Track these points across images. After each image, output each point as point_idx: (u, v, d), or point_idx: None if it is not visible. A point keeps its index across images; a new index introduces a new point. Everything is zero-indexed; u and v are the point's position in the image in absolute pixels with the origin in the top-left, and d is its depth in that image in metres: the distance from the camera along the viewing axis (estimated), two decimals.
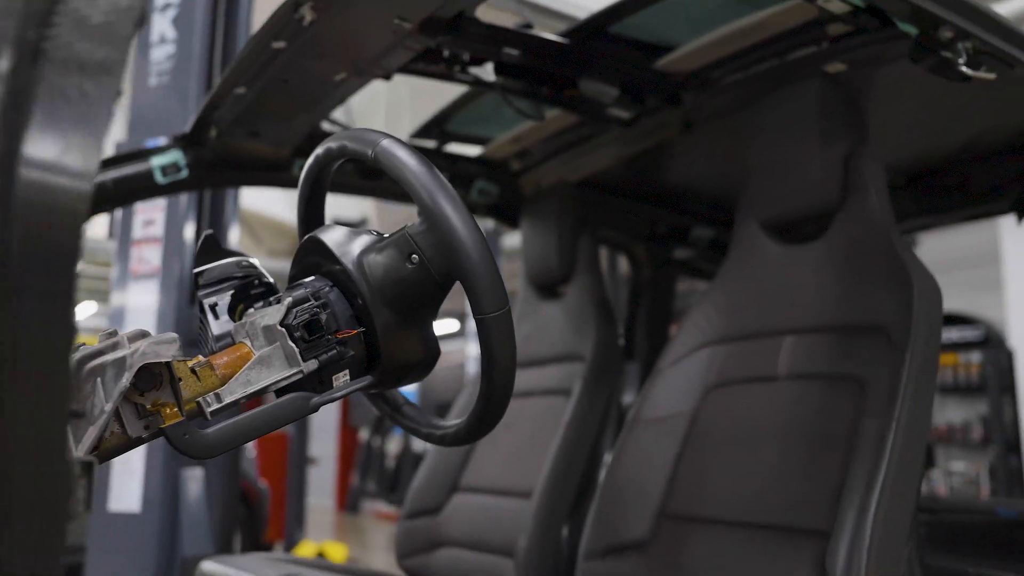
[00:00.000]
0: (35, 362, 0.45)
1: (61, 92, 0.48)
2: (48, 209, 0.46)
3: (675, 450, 1.52)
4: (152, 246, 2.96)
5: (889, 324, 1.32)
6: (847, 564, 1.17)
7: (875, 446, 1.23)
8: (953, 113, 1.87)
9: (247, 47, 1.56)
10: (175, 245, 2.93)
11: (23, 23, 0.48)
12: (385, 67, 1.59)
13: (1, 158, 0.45)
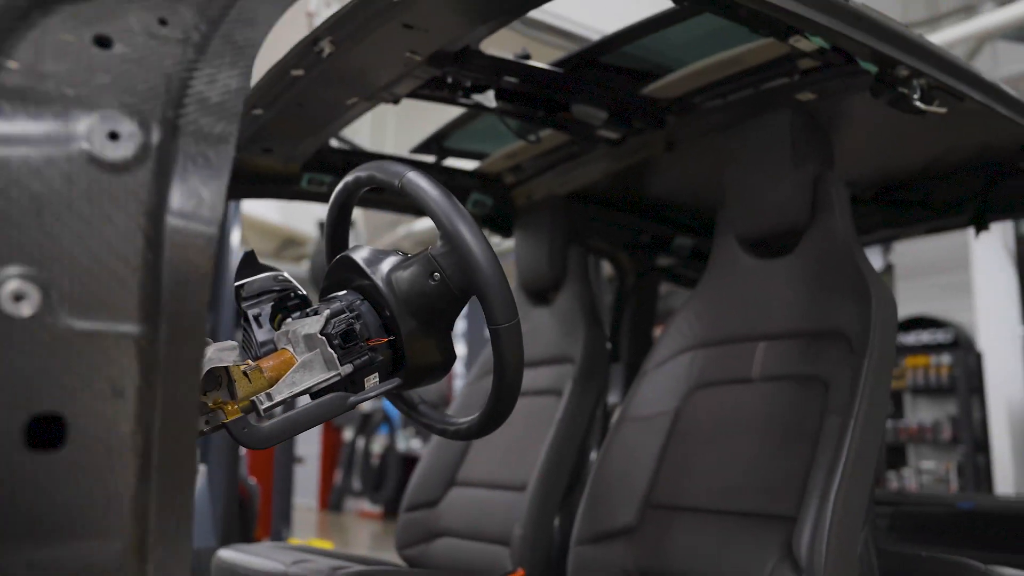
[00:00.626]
0: (179, 366, 0.59)
1: (192, 157, 0.62)
2: (187, 247, 0.60)
3: (659, 445, 1.67)
4: None
5: (850, 331, 1.48)
6: (810, 546, 1.32)
7: (836, 440, 1.39)
8: (914, 135, 2.03)
9: (267, 74, 1.70)
10: None
11: (165, 105, 0.61)
12: (394, 93, 1.73)
13: (154, 208, 0.59)
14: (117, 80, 0.60)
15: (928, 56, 1.45)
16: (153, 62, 0.62)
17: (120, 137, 0.59)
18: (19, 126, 0.56)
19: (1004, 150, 1.99)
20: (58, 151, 0.56)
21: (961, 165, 2.21)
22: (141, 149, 0.59)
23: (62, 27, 0.60)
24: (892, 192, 2.42)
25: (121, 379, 0.56)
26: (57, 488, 0.53)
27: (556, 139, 2.21)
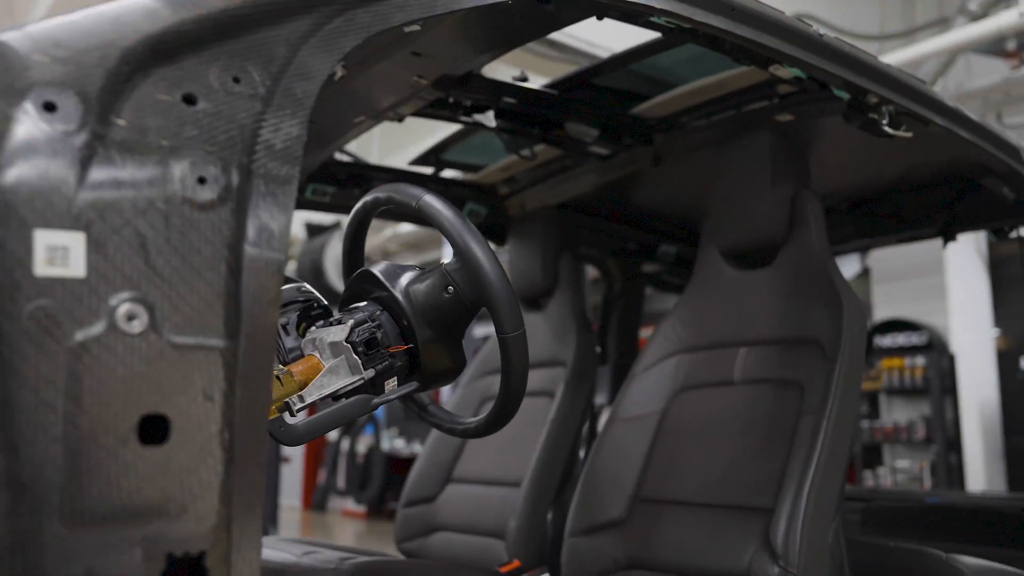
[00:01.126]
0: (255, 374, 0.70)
1: (263, 196, 0.73)
2: (261, 272, 0.71)
3: (647, 443, 1.79)
4: None
5: (823, 338, 1.60)
6: (786, 536, 1.45)
7: (810, 439, 1.51)
8: (885, 153, 2.16)
9: None
10: None
11: (240, 153, 0.72)
12: (399, 113, 1.84)
13: (234, 241, 0.70)
14: (202, 132, 0.71)
15: (896, 85, 1.58)
16: (230, 115, 0.73)
17: (207, 181, 0.70)
18: (128, 173, 0.67)
19: (968, 167, 2.12)
20: (158, 194, 0.67)
21: (929, 180, 2.35)
22: (224, 191, 0.70)
23: (156, 88, 0.70)
24: (865, 204, 2.56)
25: (211, 385, 0.67)
26: (163, 476, 0.64)
27: (549, 153, 2.33)
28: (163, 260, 0.67)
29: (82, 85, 0.66)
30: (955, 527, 2.28)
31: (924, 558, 1.74)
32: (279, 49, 0.79)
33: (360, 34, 0.87)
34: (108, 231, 0.65)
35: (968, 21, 5.46)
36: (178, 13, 0.73)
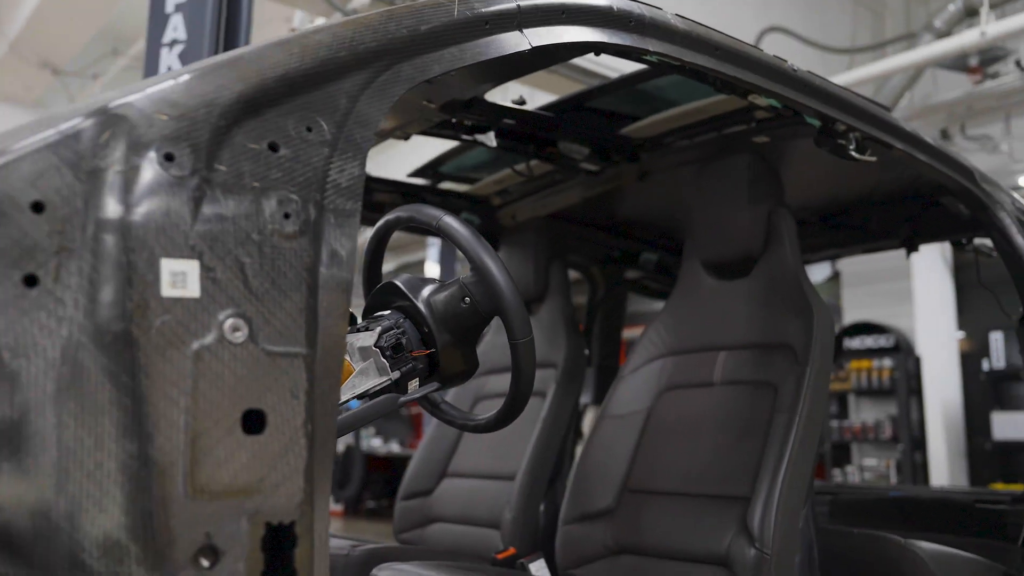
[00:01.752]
0: (328, 376, 0.85)
1: (333, 227, 0.88)
2: (333, 291, 0.86)
3: (634, 439, 1.95)
4: None
5: (795, 344, 1.77)
6: (761, 521, 1.61)
7: (783, 434, 1.68)
8: (853, 171, 2.33)
9: None
10: None
11: (315, 191, 0.87)
12: (406, 132, 1.98)
13: (312, 265, 0.85)
14: (285, 174, 0.85)
15: (862, 114, 1.75)
16: (305, 160, 0.88)
17: (290, 216, 0.84)
18: (229, 210, 0.81)
19: (928, 185, 2.31)
20: (253, 227, 0.82)
21: (893, 197, 2.53)
22: (303, 224, 0.85)
23: (247, 138, 0.84)
24: (834, 217, 2.74)
25: (296, 385, 0.81)
26: (262, 460, 0.78)
27: (541, 168, 2.48)
28: (258, 282, 0.81)
29: (192, 138, 0.80)
30: (914, 517, 2.47)
31: (884, 543, 1.91)
32: (341, 101, 0.94)
33: (405, 84, 1.01)
34: (216, 259, 0.79)
35: (934, 38, 5.70)
36: (263, 74, 0.87)
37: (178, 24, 3.40)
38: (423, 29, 1.04)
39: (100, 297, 0.74)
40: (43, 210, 0.74)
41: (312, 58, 0.92)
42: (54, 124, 0.77)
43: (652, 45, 1.37)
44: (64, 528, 0.71)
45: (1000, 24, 4.82)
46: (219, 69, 0.86)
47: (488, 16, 1.13)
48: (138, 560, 0.72)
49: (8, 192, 0.73)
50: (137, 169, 0.77)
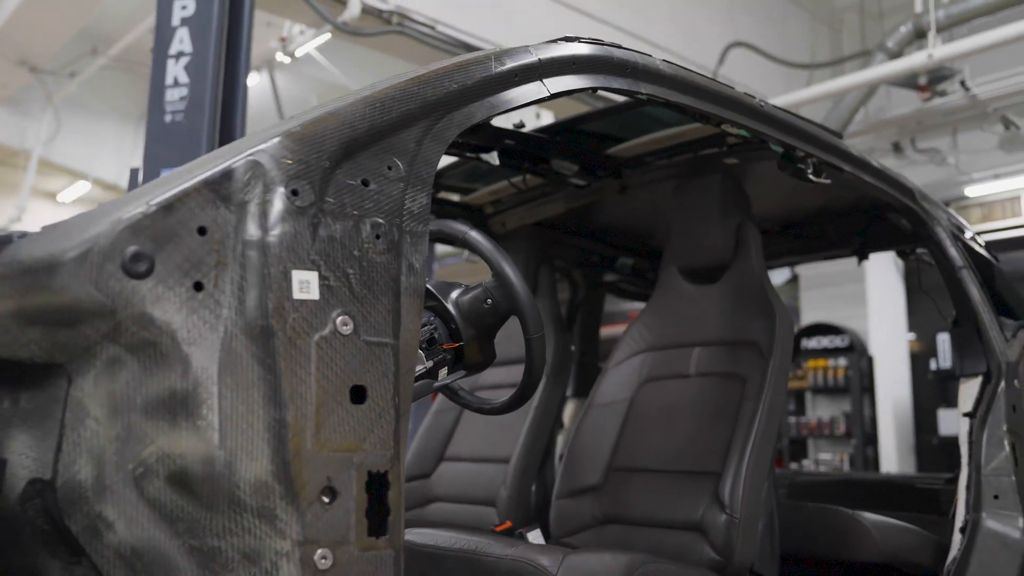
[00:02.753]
0: (406, 362, 1.09)
1: (409, 245, 1.12)
2: (411, 295, 1.10)
3: (619, 424, 2.22)
4: None
5: (760, 341, 2.05)
6: (731, 491, 1.88)
7: (749, 419, 1.95)
8: (810, 189, 2.62)
9: None
10: None
11: (396, 217, 1.11)
12: None
13: (396, 276, 1.09)
14: (375, 204, 1.10)
15: (818, 142, 2.04)
16: (388, 192, 1.12)
17: (380, 237, 1.09)
18: (338, 233, 1.05)
19: (875, 202, 2.61)
20: (355, 246, 1.06)
21: (846, 211, 2.83)
22: (390, 243, 1.10)
23: (346, 176, 1.09)
24: (794, 228, 3.04)
25: (386, 367, 1.06)
26: (364, 424, 1.03)
27: (533, 180, 2.73)
28: (359, 288, 1.05)
29: (309, 177, 1.05)
30: (862, 497, 2.77)
31: (834, 514, 2.20)
32: (411, 145, 1.18)
33: (456, 130, 1.26)
34: (329, 270, 1.03)
35: (887, 58, 6.07)
36: (355, 126, 1.12)
37: (184, 37, 3.59)
38: (469, 83, 1.29)
39: (247, 300, 0.98)
40: (205, 233, 0.98)
41: (389, 111, 1.17)
42: (209, 167, 1.01)
43: (644, 88, 1.63)
44: (225, 473, 0.95)
45: (946, 48, 5.19)
46: (323, 121, 1.10)
47: (517, 70, 1.38)
48: (279, 496, 0.96)
49: (182, 220, 0.97)
50: (271, 202, 1.02)
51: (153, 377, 0.95)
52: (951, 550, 2.13)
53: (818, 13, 7.95)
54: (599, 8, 6.13)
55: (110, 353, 0.94)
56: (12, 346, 0.91)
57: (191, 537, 0.95)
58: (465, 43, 5.25)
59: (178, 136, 3.56)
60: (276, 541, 0.96)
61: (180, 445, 0.94)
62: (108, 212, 0.95)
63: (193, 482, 0.94)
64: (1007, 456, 2.20)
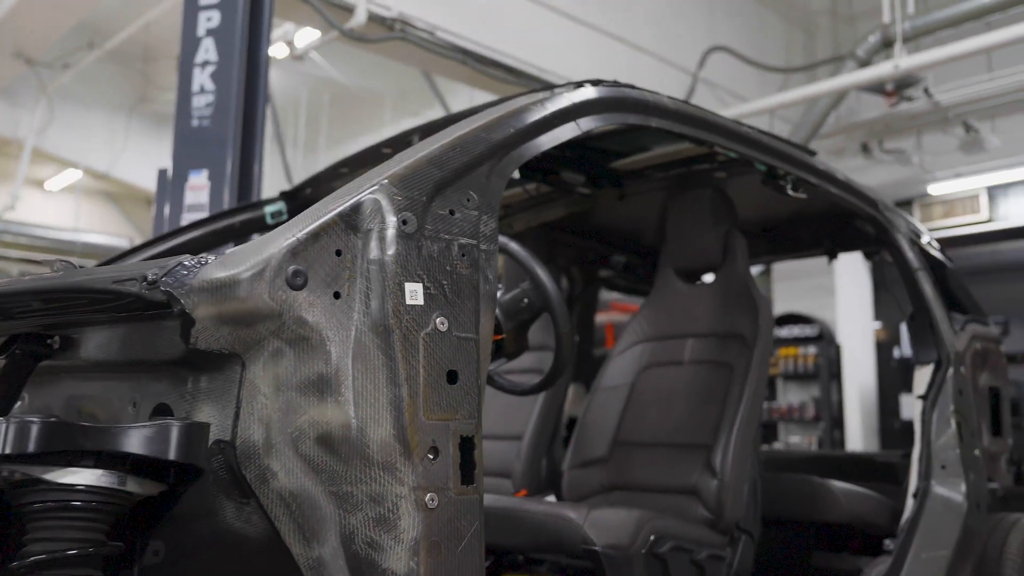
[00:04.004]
0: (484, 349, 1.41)
1: (484, 260, 1.44)
2: (488, 300, 1.42)
3: (622, 404, 2.55)
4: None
5: (746, 334, 2.39)
6: (720, 460, 2.23)
7: (736, 400, 2.30)
8: (787, 198, 2.97)
9: (367, 148, 2.47)
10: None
11: (476, 238, 1.43)
12: None
13: (476, 285, 1.41)
14: (460, 229, 1.41)
15: (796, 162, 2.37)
16: (468, 219, 1.43)
17: (465, 255, 1.40)
18: (435, 253, 1.36)
19: (844, 209, 2.96)
20: (447, 262, 1.37)
21: (817, 216, 3.18)
22: (471, 259, 1.41)
23: (438, 207, 1.40)
24: (772, 231, 3.39)
25: (472, 356, 1.38)
26: (457, 401, 1.34)
27: (543, 188, 3.05)
28: (451, 295, 1.37)
29: (414, 210, 1.36)
30: (830, 470, 3.14)
31: (806, 482, 2.56)
32: (482, 180, 1.49)
33: (513, 166, 1.57)
34: (430, 282, 1.34)
35: (856, 66, 6.45)
36: (443, 167, 1.43)
37: (209, 47, 3.86)
38: (521, 127, 1.61)
39: (372, 305, 1.29)
40: (341, 254, 1.29)
41: (466, 154, 1.48)
42: (340, 203, 1.32)
43: (654, 121, 1.96)
44: (358, 436, 1.26)
45: (911, 58, 5.57)
46: (418, 164, 1.41)
47: (557, 114, 1.70)
48: (399, 454, 1.28)
49: (325, 245, 1.27)
50: (386, 229, 1.33)
51: (305, 364, 1.26)
52: (905, 512, 2.49)
53: (792, 17, 8.32)
54: (587, 14, 6.44)
55: (275, 346, 1.25)
56: (209, 341, 1.21)
57: (331, 484, 1.26)
58: (462, 48, 5.54)
59: (205, 139, 3.82)
60: (396, 487, 1.27)
61: (325, 415, 1.25)
62: (274, 240, 1.26)
63: (334, 443, 1.26)
64: (953, 433, 2.57)
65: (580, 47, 6.39)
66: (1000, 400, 2.94)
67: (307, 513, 1.26)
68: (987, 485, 2.67)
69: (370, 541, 1.27)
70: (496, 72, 5.73)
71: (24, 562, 1.07)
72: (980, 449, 2.69)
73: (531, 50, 5.93)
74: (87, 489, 1.09)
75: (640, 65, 6.73)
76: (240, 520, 1.29)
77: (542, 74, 6.05)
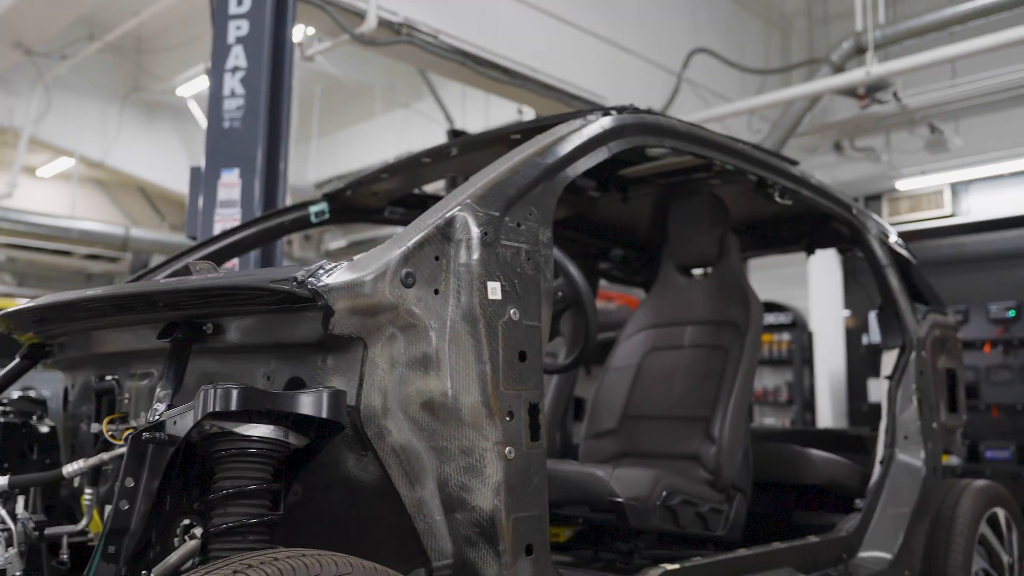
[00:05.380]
0: (535, 339, 1.77)
1: (543, 263, 1.79)
2: (547, 294, 1.78)
3: (630, 383, 2.93)
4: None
5: (739, 322, 2.77)
6: (718, 429, 2.60)
7: (731, 380, 2.67)
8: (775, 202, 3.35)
9: (407, 156, 2.81)
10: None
11: (535, 245, 1.78)
12: (466, 173, 2.88)
13: (538, 282, 1.76)
14: (525, 238, 1.76)
15: (782, 173, 2.75)
16: (531, 230, 1.78)
17: (530, 259, 1.75)
18: (508, 257, 1.71)
19: (821, 211, 3.35)
20: (517, 264, 1.72)
21: (797, 217, 3.57)
22: (535, 263, 1.76)
23: (509, 220, 1.74)
24: (757, 229, 3.78)
25: (537, 340, 1.73)
26: (527, 376, 1.69)
27: None
28: (521, 291, 1.72)
29: (492, 223, 1.70)
30: (808, 443, 3.54)
31: (788, 450, 2.95)
32: (538, 197, 1.84)
33: (560, 186, 1.92)
34: (505, 281, 1.69)
35: (831, 71, 6.87)
36: (512, 186, 1.77)
37: (239, 53, 4.15)
38: (567, 152, 1.95)
39: (462, 300, 1.64)
40: (439, 259, 1.64)
41: (527, 176, 1.83)
42: (436, 218, 1.66)
43: (667, 142, 2.31)
44: (453, 402, 1.61)
45: (881, 66, 6.00)
46: (495, 187, 1.75)
47: (593, 139, 2.05)
48: (484, 416, 1.63)
49: (427, 252, 1.62)
50: (472, 239, 1.67)
51: (413, 346, 1.60)
52: (873, 476, 2.89)
53: (771, 19, 8.72)
54: (578, 17, 6.78)
55: (390, 332, 1.59)
56: (342, 328, 1.55)
57: (431, 440, 1.61)
58: (462, 50, 5.86)
59: (235, 140, 4.12)
60: (482, 442, 1.63)
61: (428, 386, 1.60)
62: (390, 249, 1.60)
63: (435, 408, 1.61)
64: (915, 408, 2.97)
65: (571, 49, 6.73)
66: (956, 380, 3.35)
67: (412, 463, 1.60)
68: (941, 457, 3.08)
69: (461, 484, 1.62)
70: (493, 73, 6.06)
71: (218, 495, 1.41)
72: (938, 423, 3.10)
73: (525, 52, 6.27)
74: (261, 439, 1.43)
75: (628, 66, 7.10)
76: (359, 468, 1.63)
77: (534, 74, 6.39)
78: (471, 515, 1.62)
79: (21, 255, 13.46)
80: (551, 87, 6.53)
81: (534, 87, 6.41)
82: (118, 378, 2.01)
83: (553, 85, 6.54)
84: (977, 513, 2.98)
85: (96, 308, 1.82)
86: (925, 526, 2.88)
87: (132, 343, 1.93)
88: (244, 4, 4.16)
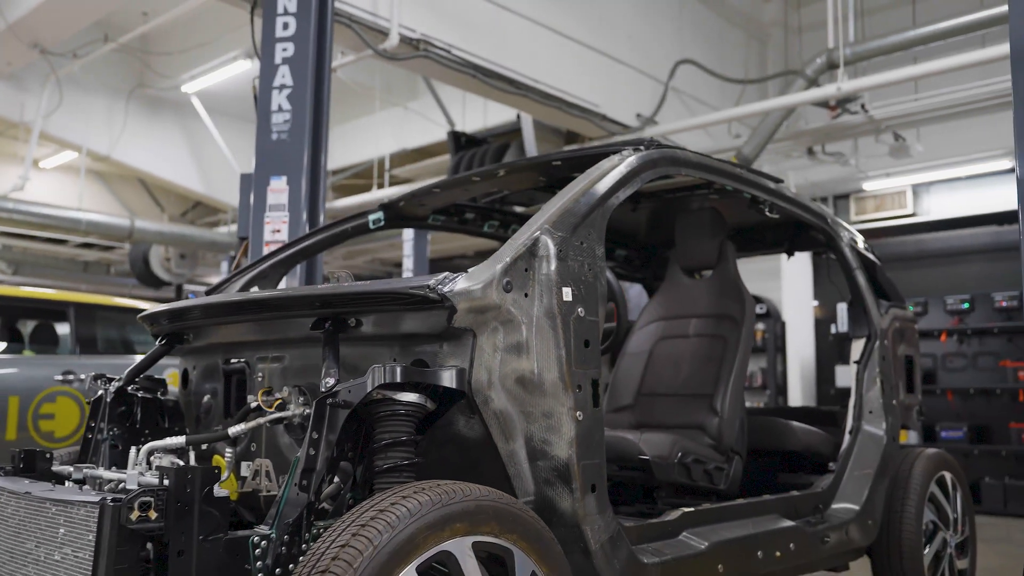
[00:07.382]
0: (593, 330, 2.33)
1: (598, 272, 2.35)
2: (603, 296, 2.33)
3: (643, 366, 3.49)
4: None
5: (736, 315, 3.35)
6: (720, 404, 3.18)
7: (730, 364, 3.25)
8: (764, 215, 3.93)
9: (459, 175, 3.34)
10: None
11: (594, 259, 2.33)
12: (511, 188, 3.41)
13: (596, 286, 2.31)
14: (586, 252, 2.31)
15: (771, 192, 3.32)
16: (590, 247, 2.33)
17: (590, 269, 2.30)
18: (574, 268, 2.25)
19: (800, 220, 3.94)
20: (580, 273, 2.27)
21: (779, 224, 4.16)
22: (595, 272, 2.31)
23: (575, 240, 2.29)
24: (744, 234, 4.36)
25: (596, 332, 2.28)
26: (589, 358, 2.24)
27: None
28: (585, 293, 2.26)
29: (563, 242, 2.24)
30: (788, 417, 4.14)
31: (772, 421, 3.55)
32: (593, 221, 2.39)
33: (609, 211, 2.47)
34: (575, 286, 2.23)
35: (806, 84, 7.50)
36: (575, 212, 2.32)
37: (285, 73, 4.64)
38: (611, 184, 2.50)
39: (544, 301, 2.19)
40: (527, 270, 2.18)
41: (584, 204, 2.37)
42: (524, 238, 2.20)
43: (683, 170, 2.88)
44: (538, 378, 2.15)
45: (851, 82, 6.62)
46: (561, 210, 2.30)
47: (630, 173, 2.60)
48: (560, 388, 2.17)
49: (519, 265, 2.16)
50: (549, 254, 2.22)
51: (510, 336, 2.15)
52: (843, 444, 3.49)
53: (749, 30, 9.33)
54: (574, 30, 7.33)
55: (493, 325, 2.13)
56: (461, 322, 2.08)
57: (521, 406, 2.16)
58: (472, 63, 6.37)
59: (283, 151, 4.61)
60: (559, 407, 2.18)
61: (520, 366, 2.15)
62: (494, 263, 2.14)
63: (524, 382, 2.15)
64: (878, 388, 3.57)
65: (568, 61, 7.28)
66: (913, 365, 3.97)
67: (507, 423, 2.15)
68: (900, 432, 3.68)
69: (543, 439, 2.17)
70: (500, 84, 6.58)
71: (380, 444, 1.95)
72: (897, 401, 3.71)
73: (527, 64, 6.80)
74: (409, 403, 1.97)
75: (619, 76, 7.66)
76: (466, 428, 2.18)
77: (536, 84, 6.93)
78: (551, 462, 2.17)
79: (16, 243, 13.75)
80: (550, 96, 7.06)
81: (535, 96, 6.94)
82: (247, 361, 2.54)
83: (552, 94, 7.08)
84: (928, 475, 3.60)
85: (256, 309, 2.34)
86: (885, 484, 3.49)
87: (262, 334, 2.45)
88: (290, 28, 4.64)
